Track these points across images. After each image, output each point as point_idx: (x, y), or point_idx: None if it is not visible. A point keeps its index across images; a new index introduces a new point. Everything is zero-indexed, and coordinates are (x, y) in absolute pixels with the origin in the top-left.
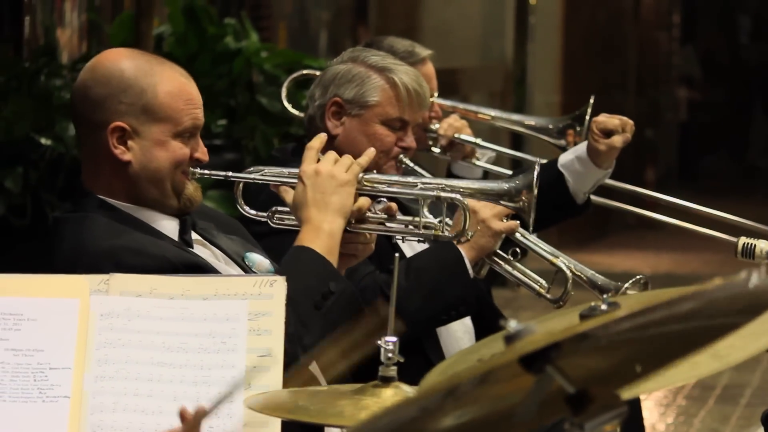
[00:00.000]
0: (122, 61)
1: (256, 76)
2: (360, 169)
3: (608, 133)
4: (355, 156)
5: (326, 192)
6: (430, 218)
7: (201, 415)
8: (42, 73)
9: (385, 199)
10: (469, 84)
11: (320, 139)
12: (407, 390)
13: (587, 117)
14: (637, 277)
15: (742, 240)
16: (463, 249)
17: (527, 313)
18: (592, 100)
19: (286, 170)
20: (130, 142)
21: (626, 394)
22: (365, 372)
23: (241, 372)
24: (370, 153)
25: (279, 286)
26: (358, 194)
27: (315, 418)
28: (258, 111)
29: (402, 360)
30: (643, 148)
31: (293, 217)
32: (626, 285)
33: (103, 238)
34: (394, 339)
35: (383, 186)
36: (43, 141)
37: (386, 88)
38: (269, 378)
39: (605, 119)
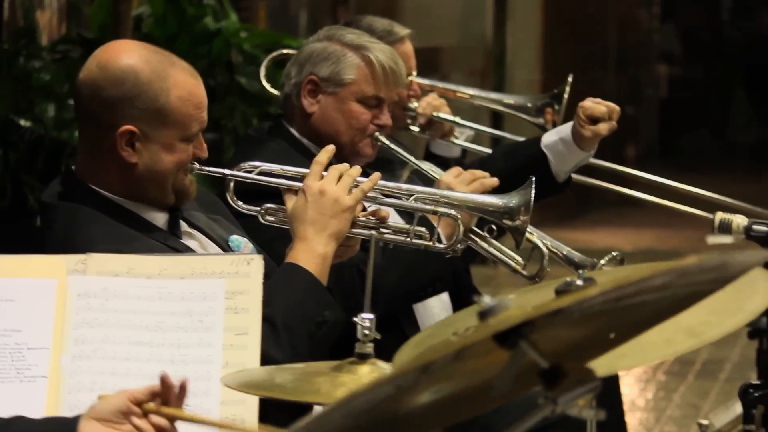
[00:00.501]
0: (134, 61)
1: (235, 57)
2: (363, 194)
3: (594, 120)
4: (332, 134)
5: (326, 214)
6: (422, 229)
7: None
8: (21, 55)
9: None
10: (449, 63)
11: (328, 153)
12: (384, 367)
13: (565, 95)
14: (613, 253)
15: (719, 215)
16: (440, 226)
17: (507, 290)
18: (570, 78)
19: (285, 170)
20: (138, 145)
21: (606, 369)
22: (342, 349)
23: (217, 350)
24: (375, 178)
25: (256, 264)
26: None
27: (292, 395)
28: (237, 91)
29: (378, 337)
30: (624, 126)
31: (284, 216)
32: (602, 261)
33: (97, 241)
34: (371, 316)
35: (382, 199)
36: (23, 123)
37: (362, 66)
38: (246, 356)
39: (592, 105)
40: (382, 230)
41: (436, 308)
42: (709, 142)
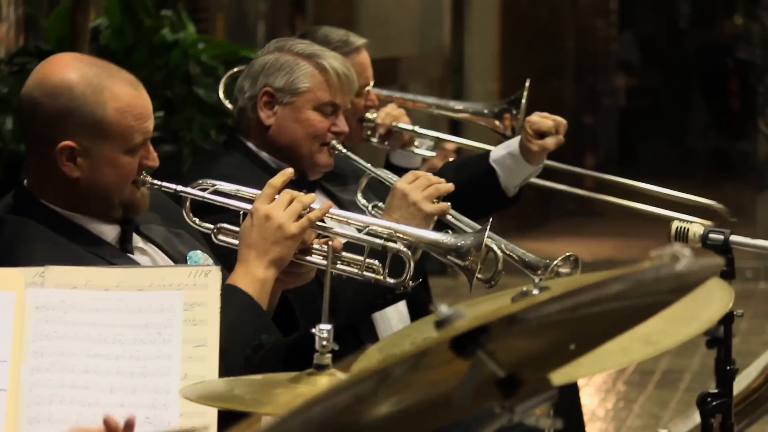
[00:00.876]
0: (70, 75)
1: (193, 68)
2: (309, 224)
3: (542, 134)
4: (290, 145)
5: (268, 239)
6: (374, 262)
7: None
8: None
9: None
10: (408, 73)
11: (284, 176)
12: (342, 377)
13: (523, 101)
14: (567, 254)
15: (675, 224)
16: None
17: (467, 300)
18: (527, 84)
19: (241, 190)
20: (79, 159)
21: (561, 377)
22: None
23: (176, 362)
24: (325, 207)
25: (214, 276)
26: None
27: (250, 407)
28: (195, 102)
29: (337, 348)
30: (583, 135)
31: (236, 237)
32: (556, 261)
33: (35, 257)
34: (329, 327)
35: (335, 228)
36: None
37: (316, 73)
38: (204, 368)
39: (538, 120)
40: (335, 261)
41: (393, 319)
42: (667, 150)
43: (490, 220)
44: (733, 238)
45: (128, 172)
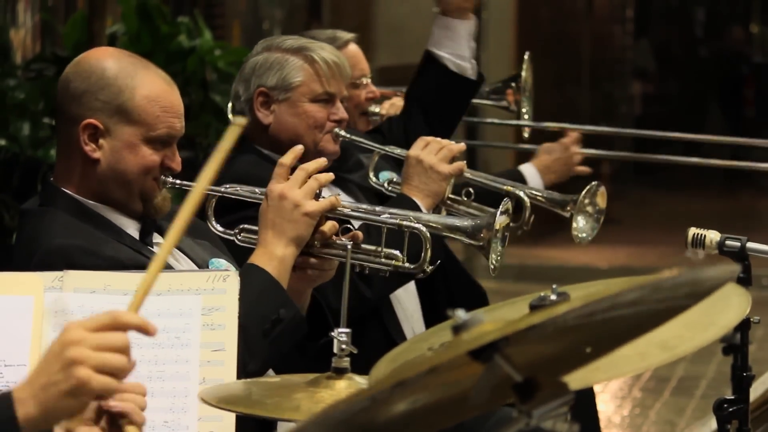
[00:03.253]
0: (107, 60)
1: (209, 74)
2: (329, 206)
3: None
4: (293, 140)
5: (285, 218)
6: (392, 250)
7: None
8: None
9: (352, 226)
10: None
11: (294, 153)
12: (360, 381)
13: (524, 73)
14: (590, 185)
15: (692, 230)
16: (417, 198)
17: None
18: (526, 57)
19: (258, 190)
20: (101, 141)
21: (578, 382)
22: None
23: (194, 366)
24: (340, 199)
25: (232, 281)
26: (326, 218)
27: (272, 412)
28: (212, 109)
29: (355, 351)
30: (598, 142)
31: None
32: (581, 195)
33: (57, 236)
34: (347, 330)
35: (348, 211)
36: None
37: (306, 66)
38: (223, 372)
39: None
40: (355, 252)
41: (409, 309)
42: (681, 155)
43: (507, 200)
44: (750, 245)
45: (148, 162)
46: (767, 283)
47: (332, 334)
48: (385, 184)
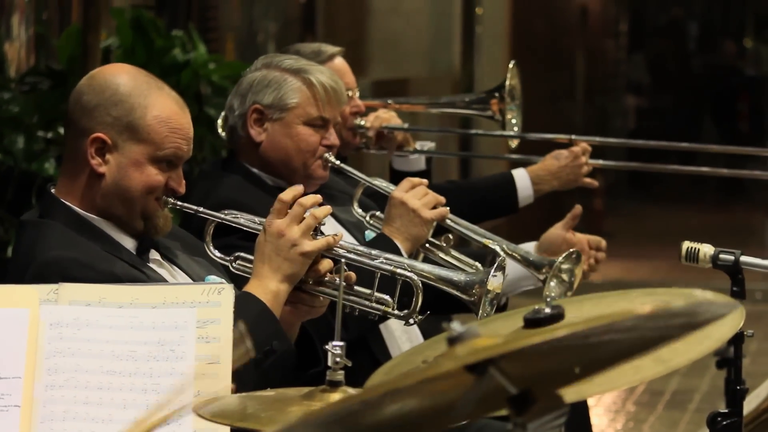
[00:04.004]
0: (122, 76)
1: (204, 88)
2: (325, 245)
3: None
4: (283, 160)
5: (282, 255)
6: (384, 295)
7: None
8: None
9: (345, 267)
10: (417, 94)
11: (294, 192)
12: (355, 393)
13: (508, 82)
14: (570, 251)
15: (686, 244)
16: (398, 240)
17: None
18: (512, 65)
19: (257, 219)
20: (108, 156)
21: (571, 396)
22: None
23: (189, 379)
24: (339, 237)
25: (227, 294)
26: (321, 256)
27: (267, 426)
28: (206, 122)
29: (349, 364)
30: (592, 156)
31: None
32: (559, 259)
33: (53, 248)
34: (341, 343)
35: (344, 252)
36: None
37: (303, 88)
38: (218, 385)
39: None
40: (347, 293)
41: (397, 331)
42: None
43: (503, 257)
44: (744, 258)
45: (153, 182)
46: (761, 297)
47: (326, 347)
48: (367, 217)
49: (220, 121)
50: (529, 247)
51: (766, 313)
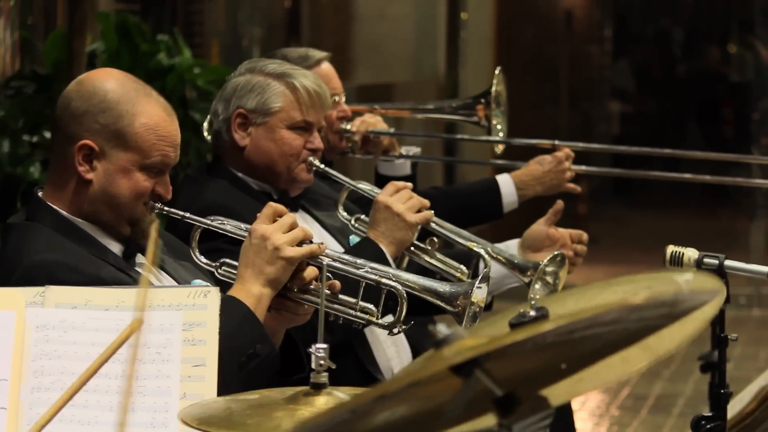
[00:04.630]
0: (110, 82)
1: (189, 92)
2: (308, 253)
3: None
4: (267, 164)
5: (265, 260)
6: (368, 304)
7: None
8: None
9: (330, 276)
10: (402, 98)
11: (285, 209)
12: (340, 395)
13: (494, 89)
14: (554, 254)
15: (670, 248)
16: (383, 245)
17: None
18: (498, 71)
19: (243, 226)
20: (95, 162)
21: (561, 394)
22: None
23: (175, 382)
24: (323, 247)
25: (213, 297)
26: (306, 264)
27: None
28: (191, 127)
29: (333, 366)
30: (576, 161)
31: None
32: (544, 262)
33: (40, 251)
34: (324, 346)
35: (329, 261)
36: None
37: (287, 93)
38: (203, 388)
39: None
40: (331, 301)
41: (382, 335)
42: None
43: (488, 270)
44: (728, 262)
45: (140, 188)
46: (744, 302)
47: (309, 350)
48: (352, 220)
49: (205, 125)
50: (513, 244)
51: (750, 318)
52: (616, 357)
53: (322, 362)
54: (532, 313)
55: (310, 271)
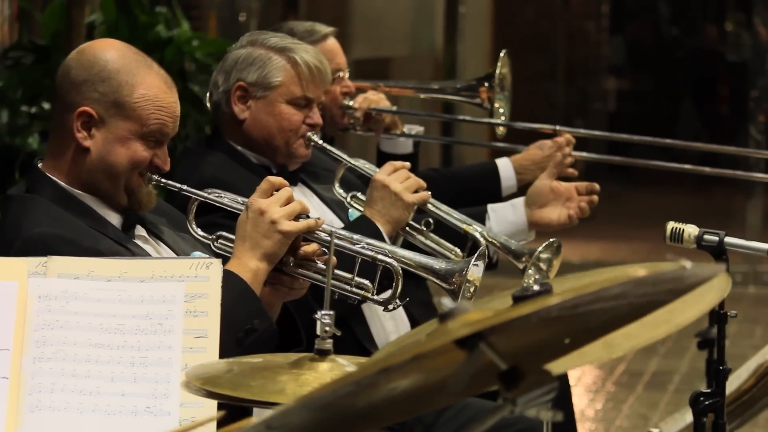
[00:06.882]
0: (111, 52)
1: (187, 65)
2: (305, 228)
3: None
4: (266, 139)
5: (262, 233)
6: (364, 280)
7: None
8: None
9: (326, 251)
10: (399, 73)
11: (283, 182)
12: (343, 363)
13: (498, 71)
14: (550, 240)
15: (671, 225)
16: (379, 223)
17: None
18: (503, 54)
19: (240, 199)
20: (93, 130)
21: (561, 366)
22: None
23: (176, 353)
24: (320, 222)
25: (215, 268)
26: (303, 239)
27: (258, 395)
28: (190, 99)
29: (338, 333)
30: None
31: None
32: (539, 249)
33: (38, 224)
34: (331, 312)
35: (325, 236)
36: None
37: (288, 67)
38: (205, 359)
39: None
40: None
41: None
42: (657, 154)
43: (485, 244)
44: (728, 239)
45: (138, 158)
46: (740, 280)
47: (315, 316)
48: (348, 197)
49: (208, 102)
50: (519, 203)
51: (746, 296)
52: (619, 333)
53: (327, 329)
54: (536, 287)
55: (310, 248)
